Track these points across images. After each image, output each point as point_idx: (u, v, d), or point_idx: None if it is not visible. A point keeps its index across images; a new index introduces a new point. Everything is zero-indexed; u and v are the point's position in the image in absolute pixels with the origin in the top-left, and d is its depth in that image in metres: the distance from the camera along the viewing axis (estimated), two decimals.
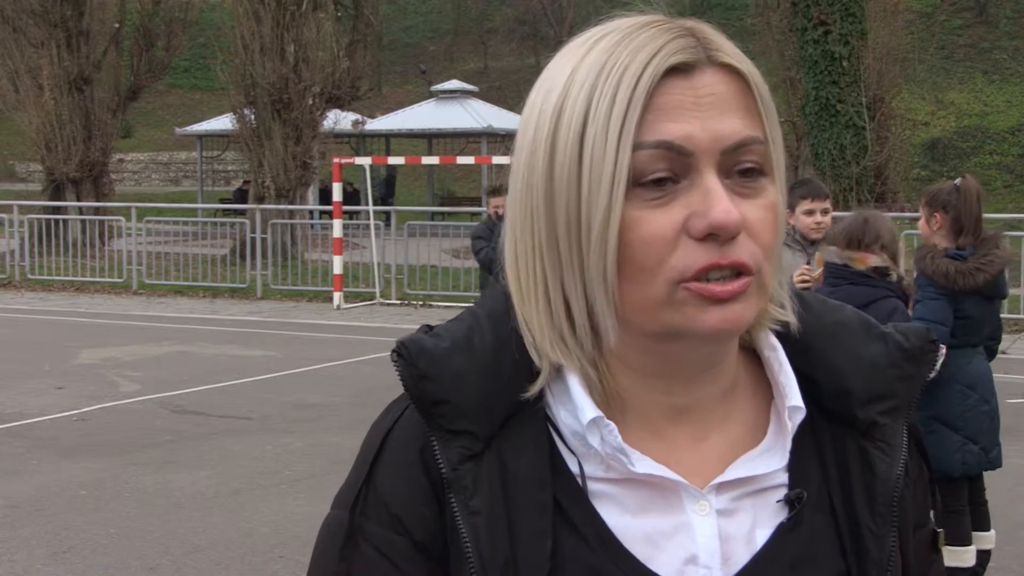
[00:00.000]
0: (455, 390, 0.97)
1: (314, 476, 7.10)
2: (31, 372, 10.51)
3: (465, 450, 0.96)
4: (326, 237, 19.73)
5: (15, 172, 40.75)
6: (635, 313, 0.92)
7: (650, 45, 0.90)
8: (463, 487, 0.96)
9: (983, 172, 33.78)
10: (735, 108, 0.91)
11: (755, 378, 1.03)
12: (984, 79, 37.38)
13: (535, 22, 47.73)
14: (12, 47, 23.28)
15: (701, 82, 0.90)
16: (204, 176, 34.29)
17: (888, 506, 0.99)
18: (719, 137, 0.90)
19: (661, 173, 0.90)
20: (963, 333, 4.84)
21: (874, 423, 1.01)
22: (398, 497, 0.99)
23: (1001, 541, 5.72)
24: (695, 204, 0.90)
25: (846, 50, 16.82)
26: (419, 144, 36.06)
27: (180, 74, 45.04)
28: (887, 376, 1.02)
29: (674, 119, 0.90)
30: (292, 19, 21.49)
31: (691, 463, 0.99)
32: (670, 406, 0.99)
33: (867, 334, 1.04)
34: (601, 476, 0.97)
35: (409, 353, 0.98)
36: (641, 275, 0.91)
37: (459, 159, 18.65)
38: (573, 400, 0.97)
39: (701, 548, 0.96)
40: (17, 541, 5.99)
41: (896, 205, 18.57)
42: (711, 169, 0.90)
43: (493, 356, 0.98)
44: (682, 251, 0.90)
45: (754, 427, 1.01)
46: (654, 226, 0.90)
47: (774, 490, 0.99)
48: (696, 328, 0.91)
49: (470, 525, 0.95)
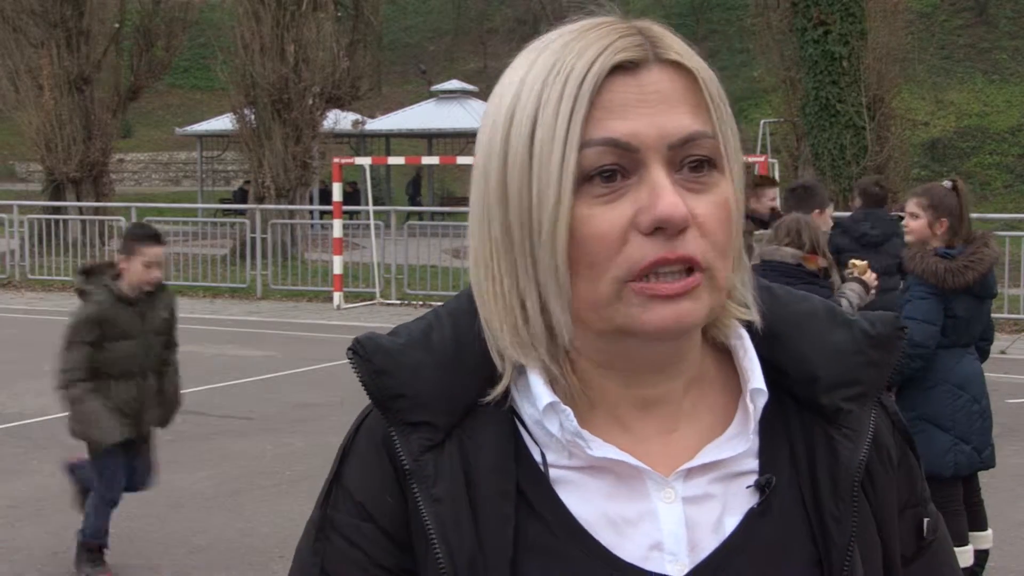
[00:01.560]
0: (411, 383, 0.99)
1: (314, 476, 7.09)
2: (31, 372, 10.50)
3: (426, 440, 0.98)
4: (326, 237, 19.73)
5: (15, 172, 40.74)
6: (586, 311, 0.94)
7: (596, 44, 0.92)
8: (425, 476, 0.97)
9: (983, 172, 33.79)
10: (682, 104, 0.92)
11: (724, 370, 1.04)
12: (984, 79, 37.37)
13: (535, 22, 47.71)
14: (12, 47, 23.27)
15: (647, 79, 0.92)
16: (204, 176, 34.29)
17: (849, 491, 1.00)
18: (665, 132, 0.91)
19: (606, 169, 0.91)
20: (953, 333, 4.85)
21: (839, 409, 1.02)
22: (362, 486, 1.01)
23: (1001, 541, 5.71)
24: (643, 199, 0.91)
25: (846, 50, 16.82)
26: (419, 144, 36.06)
27: (180, 74, 45.02)
28: (852, 362, 1.03)
29: (620, 116, 0.91)
30: (292, 19, 21.49)
31: (659, 454, 0.99)
32: (635, 398, 1.00)
33: (832, 321, 1.04)
34: (565, 464, 0.98)
35: (364, 350, 1.01)
36: (590, 272, 0.92)
37: (459, 159, 18.65)
38: (533, 392, 0.98)
39: (666, 535, 0.96)
40: (17, 541, 5.99)
41: (896, 205, 18.57)
42: (658, 164, 0.91)
43: (452, 350, 1.00)
44: (631, 247, 0.91)
45: (723, 417, 1.02)
46: (603, 222, 0.91)
47: (744, 476, 1.00)
48: (642, 327, 0.92)
49: (433, 513, 0.96)
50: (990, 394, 5.09)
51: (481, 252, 0.98)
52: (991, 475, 7.05)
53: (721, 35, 39.83)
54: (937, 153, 34.38)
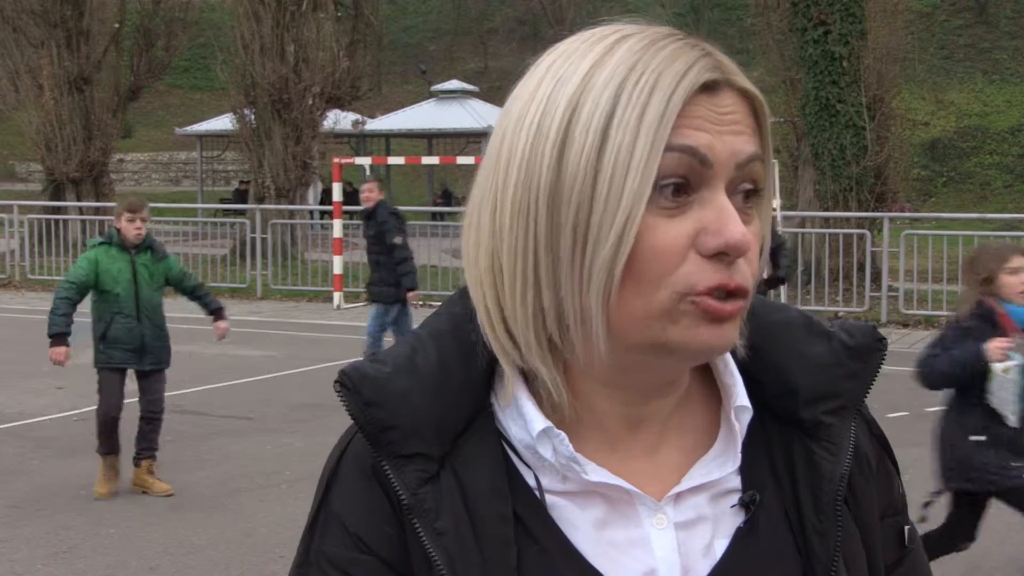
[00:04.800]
0: (402, 413, 0.96)
1: (314, 476, 7.04)
2: (31, 372, 10.51)
3: (422, 472, 0.96)
4: (326, 237, 19.73)
5: (15, 172, 40.73)
6: (625, 322, 0.91)
7: (682, 58, 0.91)
8: (426, 510, 0.95)
9: (983, 172, 33.80)
10: (747, 128, 0.93)
11: (704, 384, 1.03)
12: (984, 79, 37.37)
13: (535, 22, 47.72)
14: (12, 47, 23.28)
15: (723, 101, 0.92)
16: (204, 176, 34.28)
17: (832, 506, 0.99)
18: (736, 151, 0.91)
19: (678, 179, 0.89)
20: None
21: (819, 423, 1.01)
22: (356, 518, 0.98)
23: (1000, 541, 5.71)
24: (708, 220, 0.89)
25: (846, 50, 16.81)
26: (419, 144, 36.05)
27: (180, 74, 45.02)
28: (832, 375, 1.02)
29: (698, 129, 0.90)
30: (292, 19, 21.50)
31: (647, 474, 0.98)
32: (626, 416, 0.99)
33: (810, 333, 1.04)
34: (558, 489, 0.97)
35: (352, 382, 0.97)
36: (643, 284, 0.89)
37: (459, 159, 18.65)
38: (523, 414, 0.96)
39: (660, 562, 0.96)
40: (17, 541, 5.99)
41: (896, 205, 18.58)
42: (723, 186, 0.91)
43: (438, 374, 0.98)
44: (689, 266, 0.89)
45: (706, 433, 1.01)
46: (666, 236, 0.89)
47: (730, 495, 1.00)
48: (689, 343, 0.91)
49: (439, 547, 0.94)
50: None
51: (510, 248, 0.93)
52: None
53: (721, 35, 39.80)
54: (937, 153, 34.38)
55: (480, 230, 0.97)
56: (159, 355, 7.07)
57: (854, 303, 15.13)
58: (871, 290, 15.18)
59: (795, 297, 15.02)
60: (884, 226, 15.10)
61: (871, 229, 15.62)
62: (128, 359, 6.97)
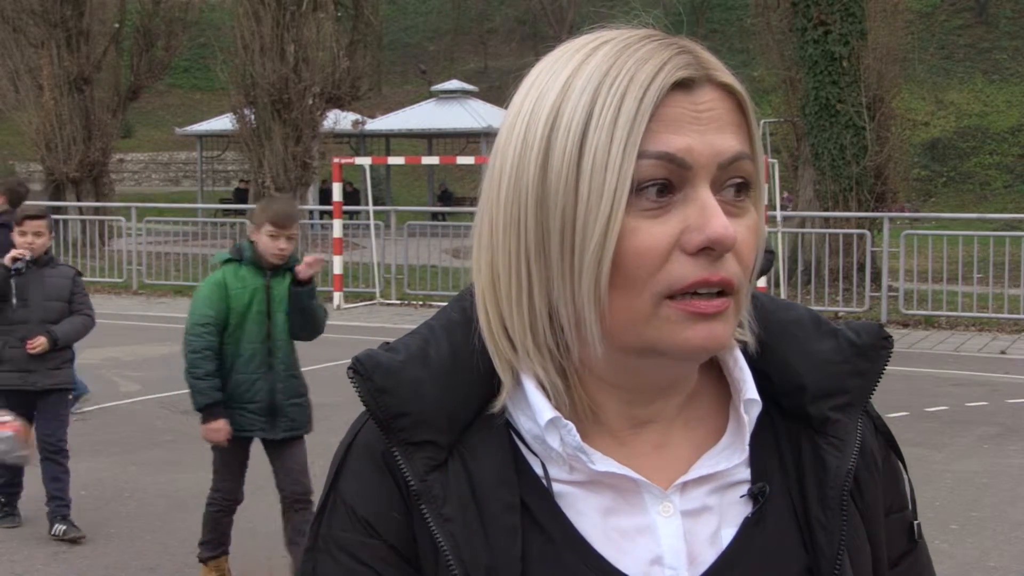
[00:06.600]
0: (413, 401, 0.98)
1: (314, 476, 7.09)
2: None
3: (430, 460, 0.97)
4: (326, 237, 19.74)
5: (15, 172, 40.75)
6: (617, 326, 0.93)
7: (655, 57, 0.92)
8: (433, 496, 0.96)
9: (983, 172, 33.81)
10: (729, 125, 0.93)
11: (714, 381, 1.04)
12: (984, 79, 37.39)
13: (535, 22, 47.73)
14: (12, 47, 23.30)
15: (701, 98, 0.92)
16: (204, 176, 34.28)
17: (838, 501, 1.00)
18: (717, 151, 0.92)
19: (659, 181, 0.90)
20: None
21: (826, 419, 1.02)
22: (365, 503, 1.00)
23: (1000, 541, 5.72)
24: (691, 218, 0.91)
25: (846, 50, 16.81)
26: (419, 144, 36.07)
27: (180, 74, 45.05)
28: (839, 372, 1.03)
29: (675, 131, 0.91)
30: (292, 19, 21.51)
31: (655, 467, 1.00)
32: (632, 416, 1.00)
33: (818, 330, 1.05)
34: (565, 478, 0.98)
35: (365, 368, 0.99)
36: (629, 287, 0.91)
37: (459, 159, 18.65)
38: (531, 405, 0.98)
39: (666, 549, 0.97)
40: (17, 541, 5.99)
41: (896, 205, 18.58)
42: (706, 184, 0.91)
43: (450, 365, 0.99)
44: (673, 264, 0.91)
45: (715, 428, 1.03)
46: (649, 236, 0.90)
47: (738, 486, 1.01)
48: (678, 345, 0.92)
49: (446, 533, 0.96)
50: (991, 394, 5.09)
51: (504, 255, 0.96)
52: (991, 475, 7.05)
53: (721, 35, 39.81)
54: (937, 153, 34.40)
55: (481, 241, 0.99)
56: (297, 417, 5.42)
57: (854, 303, 15.13)
58: (871, 290, 15.18)
59: (795, 297, 15.02)
60: (884, 226, 15.10)
61: (871, 229, 15.62)
62: (256, 424, 5.22)
